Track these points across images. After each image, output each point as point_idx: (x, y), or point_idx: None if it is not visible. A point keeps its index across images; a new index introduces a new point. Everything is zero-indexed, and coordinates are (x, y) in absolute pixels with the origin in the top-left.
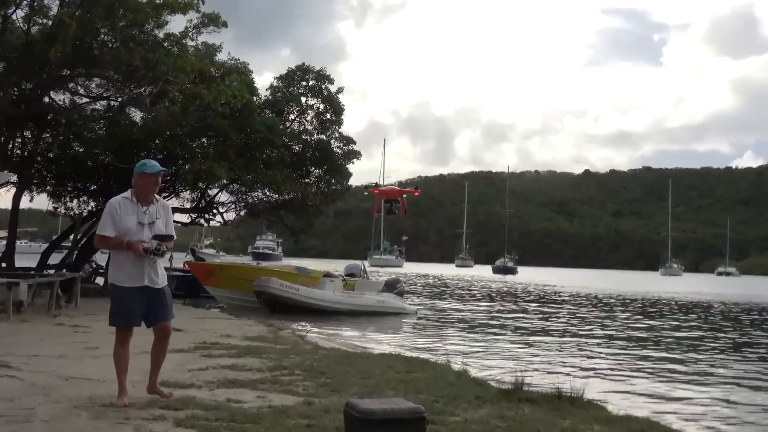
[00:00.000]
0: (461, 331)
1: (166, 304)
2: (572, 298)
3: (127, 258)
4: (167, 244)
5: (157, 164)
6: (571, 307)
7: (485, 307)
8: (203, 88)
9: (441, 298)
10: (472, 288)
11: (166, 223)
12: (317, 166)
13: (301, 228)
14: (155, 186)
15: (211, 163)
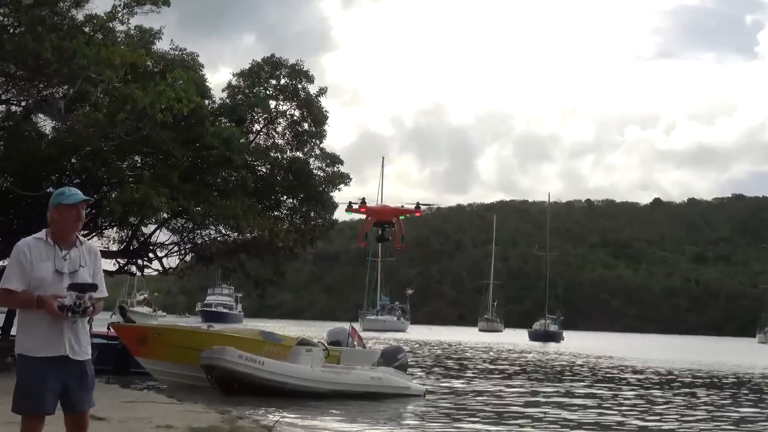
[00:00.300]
0: (486, 423)
1: (87, 386)
2: (638, 375)
3: (41, 319)
4: (91, 299)
5: (78, 192)
6: (636, 388)
7: (518, 389)
8: (137, 89)
9: (459, 374)
10: (500, 361)
11: (93, 272)
12: (291, 194)
13: (268, 278)
14: (77, 221)
15: (147, 189)
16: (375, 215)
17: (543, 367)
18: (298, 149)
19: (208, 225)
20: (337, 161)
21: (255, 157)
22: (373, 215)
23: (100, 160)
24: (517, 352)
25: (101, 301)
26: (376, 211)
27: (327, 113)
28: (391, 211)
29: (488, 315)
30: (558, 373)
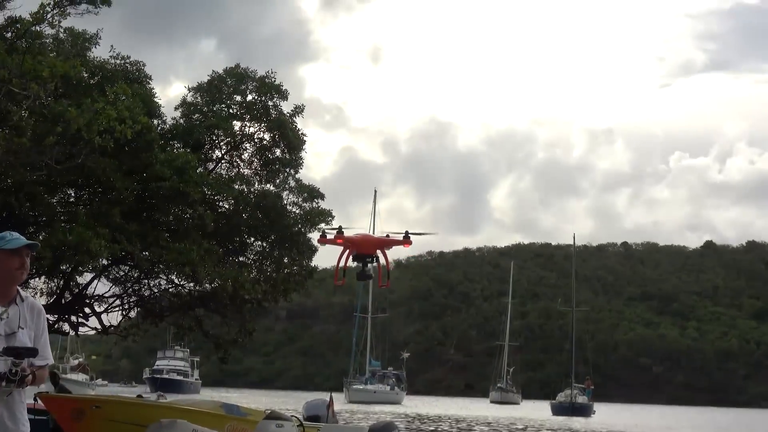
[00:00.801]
0: None
1: None
2: None
3: None
4: (31, 366)
5: (20, 236)
6: None
7: None
8: (69, 106)
9: None
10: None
11: (35, 335)
12: (260, 236)
13: (231, 339)
14: (21, 271)
15: (83, 230)
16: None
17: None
18: (268, 181)
19: (157, 273)
20: (317, 195)
21: (215, 191)
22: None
23: (25, 194)
24: (538, 429)
25: (45, 369)
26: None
27: (304, 136)
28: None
29: (502, 384)
30: None
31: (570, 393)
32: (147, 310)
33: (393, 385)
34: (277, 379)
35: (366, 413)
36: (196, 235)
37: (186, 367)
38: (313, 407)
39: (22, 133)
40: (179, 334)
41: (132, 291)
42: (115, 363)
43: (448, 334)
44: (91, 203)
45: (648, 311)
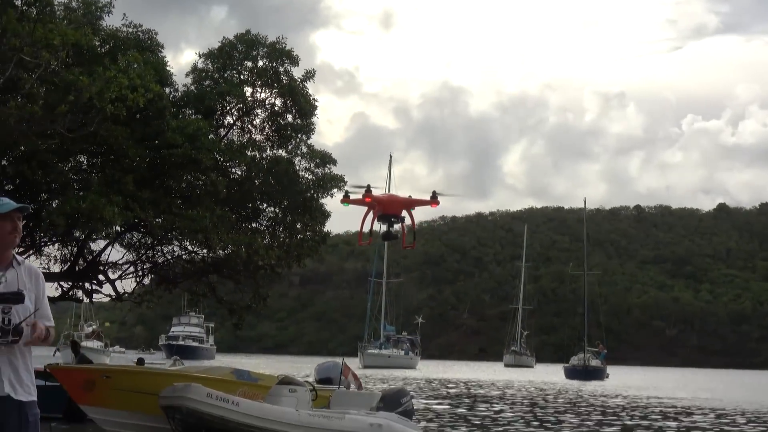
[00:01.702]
0: None
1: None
2: (700, 423)
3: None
4: (33, 324)
5: (9, 201)
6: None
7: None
8: (81, 75)
9: (478, 422)
10: (529, 402)
11: (35, 297)
12: (272, 202)
13: (245, 305)
14: (13, 235)
15: (96, 198)
16: (381, 206)
17: (580, 411)
18: (280, 146)
19: (170, 240)
20: (329, 161)
21: (227, 157)
22: (379, 206)
23: (38, 162)
24: (550, 393)
25: (50, 331)
26: (382, 202)
27: (315, 102)
28: (400, 202)
29: (516, 347)
30: (596, 416)
31: (583, 356)
32: (161, 276)
33: (407, 349)
34: (291, 345)
35: (381, 378)
36: (209, 201)
37: (201, 333)
38: (324, 370)
39: (34, 101)
40: (193, 300)
41: (145, 258)
42: (130, 330)
43: (461, 298)
44: (103, 171)
45: (661, 274)
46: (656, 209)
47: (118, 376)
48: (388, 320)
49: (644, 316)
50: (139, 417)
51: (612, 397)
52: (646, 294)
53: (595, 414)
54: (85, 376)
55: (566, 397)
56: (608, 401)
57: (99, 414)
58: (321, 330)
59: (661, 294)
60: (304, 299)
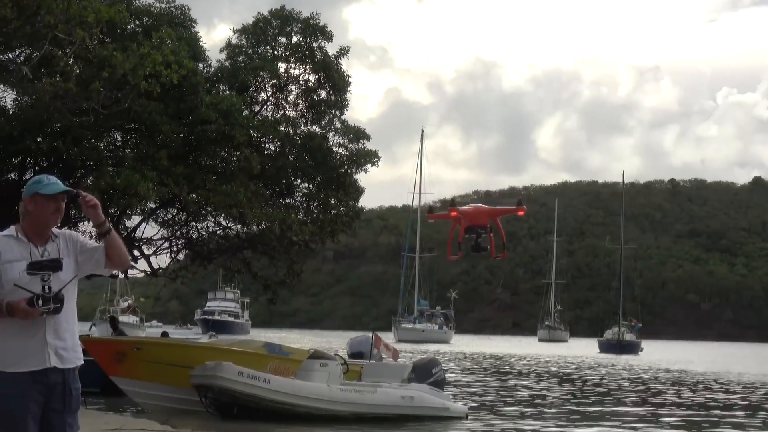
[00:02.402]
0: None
1: (72, 408)
2: (741, 398)
3: (16, 327)
4: (64, 287)
5: (57, 181)
6: (740, 417)
7: (580, 415)
8: (115, 51)
9: (510, 394)
10: (563, 374)
11: (81, 248)
12: (306, 178)
13: (279, 280)
14: (56, 215)
15: (130, 174)
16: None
17: (612, 386)
18: (314, 122)
19: (205, 216)
20: (363, 136)
21: (261, 133)
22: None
23: (72, 138)
24: (585, 366)
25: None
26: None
27: (349, 78)
28: (487, 213)
29: (550, 322)
30: (630, 391)
31: (617, 331)
32: (195, 252)
33: (441, 324)
34: (325, 320)
35: (416, 351)
36: (243, 177)
37: (236, 308)
38: (357, 344)
39: (69, 78)
40: (228, 276)
41: (180, 233)
42: (164, 305)
43: (495, 273)
44: (137, 147)
45: (696, 248)
46: (691, 183)
47: (149, 348)
48: (421, 295)
49: (679, 290)
50: (169, 389)
51: (647, 371)
52: (681, 268)
53: (631, 387)
54: (116, 348)
55: (600, 371)
56: (643, 375)
57: (129, 386)
58: (355, 305)
59: (696, 268)
60: (338, 274)
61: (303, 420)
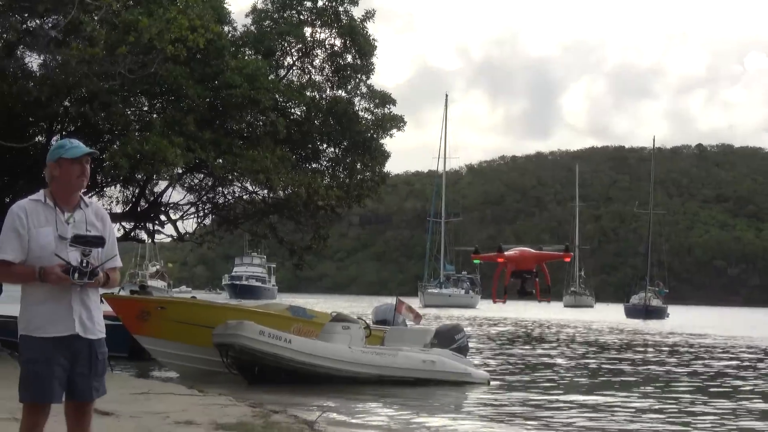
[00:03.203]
0: (563, 421)
1: (98, 371)
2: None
3: (44, 293)
4: (103, 270)
5: (80, 144)
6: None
7: (605, 381)
8: (141, 16)
9: (534, 360)
10: (592, 340)
11: (104, 239)
12: (332, 142)
13: (306, 245)
14: (81, 178)
15: (157, 139)
16: (514, 263)
17: (637, 351)
18: (340, 87)
19: (231, 181)
20: (389, 101)
21: (287, 97)
22: (512, 264)
23: (99, 103)
24: (609, 331)
25: (116, 272)
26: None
27: (375, 42)
28: (532, 258)
29: (575, 287)
30: (655, 357)
31: (644, 296)
32: (221, 217)
33: (467, 288)
34: (351, 285)
35: (441, 316)
36: (269, 142)
37: (263, 273)
38: (382, 312)
39: (95, 43)
40: (254, 241)
41: (206, 198)
42: (191, 270)
43: (520, 238)
44: (164, 112)
45: (723, 213)
46: (718, 148)
47: (173, 308)
48: (447, 260)
49: (706, 256)
50: (192, 349)
51: (671, 335)
52: (708, 233)
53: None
54: (140, 307)
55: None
56: (669, 339)
57: (152, 345)
58: (381, 270)
59: (722, 233)
60: (364, 239)
61: (324, 381)
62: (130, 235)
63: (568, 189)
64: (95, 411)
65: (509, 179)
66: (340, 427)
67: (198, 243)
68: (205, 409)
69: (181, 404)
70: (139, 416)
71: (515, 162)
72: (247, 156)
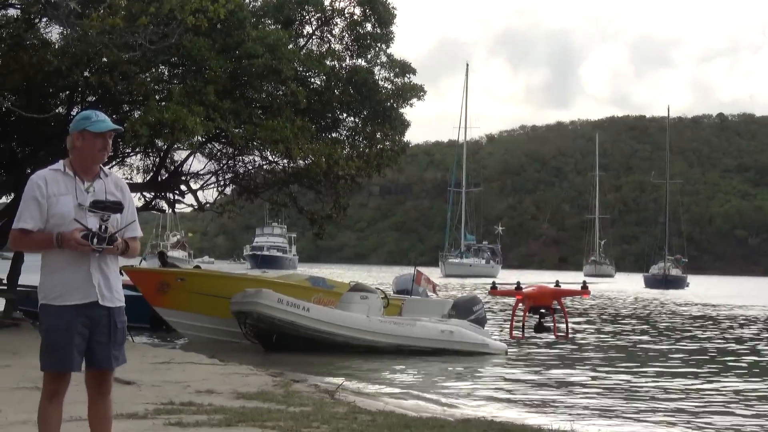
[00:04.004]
0: (582, 392)
1: (116, 340)
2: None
3: (63, 261)
4: (122, 238)
5: (106, 118)
6: None
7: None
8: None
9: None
10: (610, 310)
11: (123, 209)
12: (352, 112)
13: (326, 214)
14: (103, 152)
15: (178, 108)
16: (531, 300)
17: (657, 320)
18: (359, 56)
19: (251, 151)
20: (409, 70)
21: (307, 67)
22: (530, 300)
23: (120, 73)
24: (629, 301)
25: (136, 241)
26: (532, 296)
27: (395, 11)
28: (550, 294)
29: (595, 257)
30: (674, 329)
31: (663, 266)
32: (242, 186)
33: (488, 258)
34: (372, 255)
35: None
36: (289, 111)
37: (284, 243)
38: (403, 282)
39: (115, 13)
40: (274, 210)
41: (227, 168)
42: (212, 240)
43: (541, 208)
44: (185, 82)
45: (744, 183)
46: (739, 117)
47: (192, 279)
48: (468, 229)
49: (726, 226)
50: (212, 320)
51: (691, 305)
52: (729, 203)
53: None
54: (160, 278)
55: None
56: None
57: (173, 316)
58: (401, 240)
59: (743, 203)
60: (384, 209)
61: (342, 350)
62: (150, 205)
63: (588, 159)
64: (117, 380)
65: (529, 149)
66: (360, 397)
67: (218, 213)
68: (226, 379)
69: (201, 374)
70: (160, 385)
71: (535, 131)
72: (267, 126)
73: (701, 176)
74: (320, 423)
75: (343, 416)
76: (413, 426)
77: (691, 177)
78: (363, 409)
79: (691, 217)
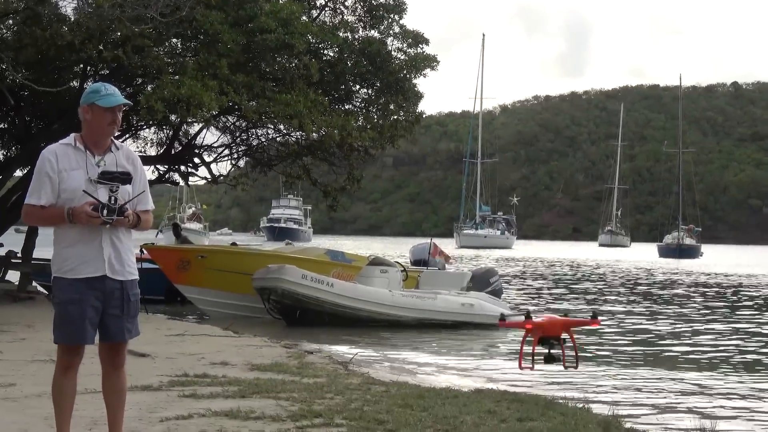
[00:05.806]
0: (602, 360)
1: (130, 313)
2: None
3: (75, 235)
4: (135, 211)
5: (116, 91)
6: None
7: (640, 323)
8: None
9: (573, 300)
10: (627, 281)
11: (134, 182)
12: (365, 83)
13: (339, 186)
14: (112, 126)
15: (193, 84)
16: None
17: (670, 289)
18: (372, 27)
19: (264, 124)
20: (422, 41)
21: (320, 39)
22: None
23: (133, 47)
24: (644, 271)
25: (148, 214)
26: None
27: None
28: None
29: (611, 227)
30: (687, 297)
31: (677, 235)
32: (255, 159)
33: (503, 229)
34: (385, 226)
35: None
36: (302, 84)
37: (300, 215)
38: (420, 251)
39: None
40: (288, 182)
41: (240, 141)
42: (226, 212)
43: (554, 178)
44: (198, 56)
45: (759, 152)
46: (754, 86)
47: (213, 256)
48: (483, 200)
49: (741, 195)
50: (233, 297)
51: (707, 275)
52: (743, 172)
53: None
54: (181, 256)
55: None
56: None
57: (194, 293)
58: (415, 211)
59: (758, 172)
60: (398, 181)
61: (364, 324)
62: (164, 178)
63: (603, 128)
64: (131, 352)
65: (543, 119)
66: (374, 368)
67: (232, 185)
68: (240, 351)
69: (216, 346)
70: (174, 357)
71: (549, 101)
72: (280, 99)
73: (715, 145)
74: (334, 394)
75: (356, 387)
76: (426, 396)
77: (705, 146)
78: (377, 380)
79: (706, 186)
